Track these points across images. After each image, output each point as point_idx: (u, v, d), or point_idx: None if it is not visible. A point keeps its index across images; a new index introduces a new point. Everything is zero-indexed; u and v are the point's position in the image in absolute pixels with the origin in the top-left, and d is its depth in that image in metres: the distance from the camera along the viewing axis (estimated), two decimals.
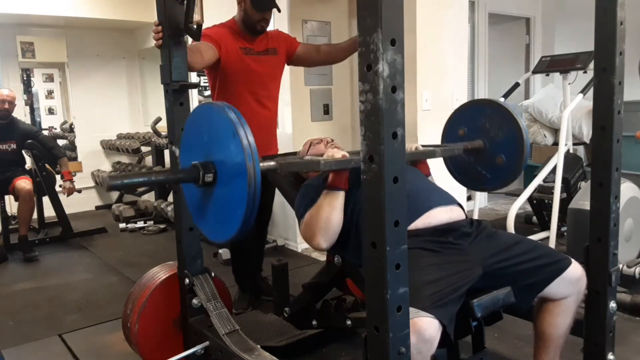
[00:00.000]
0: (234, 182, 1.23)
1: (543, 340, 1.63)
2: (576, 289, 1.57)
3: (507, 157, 1.90)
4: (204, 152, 1.32)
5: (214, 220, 1.36)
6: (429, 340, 1.23)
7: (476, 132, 1.97)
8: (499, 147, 1.92)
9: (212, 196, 1.33)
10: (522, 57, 5.48)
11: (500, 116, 1.91)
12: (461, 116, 2.05)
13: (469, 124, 2.01)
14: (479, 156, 1.96)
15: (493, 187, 2.05)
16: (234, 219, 1.24)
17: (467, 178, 2.08)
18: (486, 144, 1.94)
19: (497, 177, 1.96)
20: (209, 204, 1.35)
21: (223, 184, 1.28)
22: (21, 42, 5.86)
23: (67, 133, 6.34)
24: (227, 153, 1.24)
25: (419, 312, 1.25)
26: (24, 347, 2.45)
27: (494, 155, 1.93)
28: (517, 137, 1.86)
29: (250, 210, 1.20)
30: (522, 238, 1.68)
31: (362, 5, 0.95)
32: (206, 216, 1.39)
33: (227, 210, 1.28)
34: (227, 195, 1.28)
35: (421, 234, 1.56)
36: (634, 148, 4.06)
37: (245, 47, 2.43)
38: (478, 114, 1.98)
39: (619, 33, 1.46)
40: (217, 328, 1.79)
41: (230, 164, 1.24)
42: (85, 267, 3.72)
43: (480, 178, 2.01)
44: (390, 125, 0.95)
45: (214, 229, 1.38)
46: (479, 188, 2.20)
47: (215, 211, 1.34)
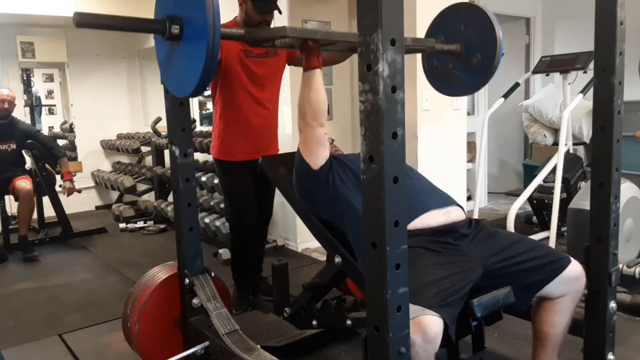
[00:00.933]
0: (197, 38, 1.32)
1: (541, 339, 1.63)
2: (575, 288, 1.57)
3: (482, 56, 1.94)
4: (174, 9, 1.39)
5: (178, 74, 1.45)
6: (434, 339, 1.24)
7: (453, 38, 2.01)
8: (475, 47, 1.96)
9: (177, 51, 1.41)
10: (522, 57, 5.48)
11: (475, 17, 1.95)
12: (439, 24, 2.09)
13: (446, 30, 2.04)
14: (456, 60, 2.02)
15: (470, 88, 2.11)
16: (194, 74, 1.33)
17: (445, 84, 2.14)
18: (462, 47, 1.98)
19: (474, 78, 2.01)
20: (175, 59, 1.44)
21: (187, 39, 1.36)
22: (21, 42, 5.86)
23: (67, 133, 6.34)
24: (193, 9, 1.32)
25: (424, 310, 1.25)
26: (24, 347, 2.45)
27: (470, 56, 1.98)
28: (490, 36, 1.91)
29: (209, 66, 1.29)
30: (521, 237, 1.68)
31: (362, 5, 0.95)
32: (172, 70, 1.48)
33: (189, 65, 1.36)
34: (190, 50, 1.36)
35: (420, 234, 1.56)
36: (634, 148, 4.05)
37: (246, 50, 2.43)
38: (454, 19, 2.02)
39: (619, 33, 1.46)
40: (217, 328, 1.79)
41: (195, 20, 1.32)
42: (85, 267, 3.72)
43: (459, 82, 2.06)
44: (390, 125, 0.95)
45: (177, 83, 1.48)
46: (457, 92, 2.25)
47: (179, 65, 1.43)
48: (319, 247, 3.61)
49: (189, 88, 1.38)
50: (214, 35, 1.27)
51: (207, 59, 1.29)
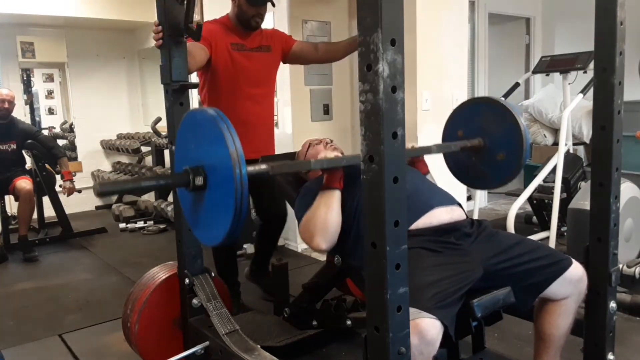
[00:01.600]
0: (223, 187, 1.24)
1: (544, 340, 1.63)
2: (577, 290, 1.57)
3: (507, 154, 1.89)
4: (195, 158, 1.33)
5: (206, 224, 1.38)
6: (431, 341, 1.23)
7: (475, 131, 1.96)
8: (499, 144, 1.91)
9: (203, 201, 1.35)
10: (522, 57, 5.48)
11: (498, 113, 1.91)
12: (460, 116, 2.05)
13: (468, 123, 2.00)
14: (479, 154, 1.95)
15: (495, 184, 2.05)
16: (223, 224, 1.26)
17: (468, 177, 2.08)
18: (485, 142, 1.94)
19: (498, 174, 1.94)
20: (201, 209, 1.37)
21: (213, 188, 1.30)
22: (21, 42, 5.86)
23: (67, 133, 6.34)
24: (216, 158, 1.26)
25: (421, 313, 1.25)
26: (24, 347, 2.45)
27: (494, 152, 1.92)
28: (516, 133, 1.85)
29: (238, 215, 1.21)
30: (523, 238, 1.68)
31: (362, 5, 0.95)
32: (199, 221, 1.40)
33: (216, 215, 1.29)
34: (216, 200, 1.29)
35: (422, 234, 1.56)
36: (634, 148, 4.06)
37: (236, 43, 2.39)
38: (476, 112, 1.98)
39: (619, 33, 1.46)
40: (217, 328, 1.79)
41: (219, 169, 1.25)
42: (85, 267, 3.72)
43: (482, 176, 2.01)
44: (390, 125, 0.95)
45: (205, 233, 1.39)
46: (481, 187, 2.19)
47: (206, 216, 1.36)
48: None
49: (220, 236, 1.29)
50: (241, 184, 1.19)
51: (236, 210, 1.21)
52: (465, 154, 1.95)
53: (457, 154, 1.96)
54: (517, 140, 1.85)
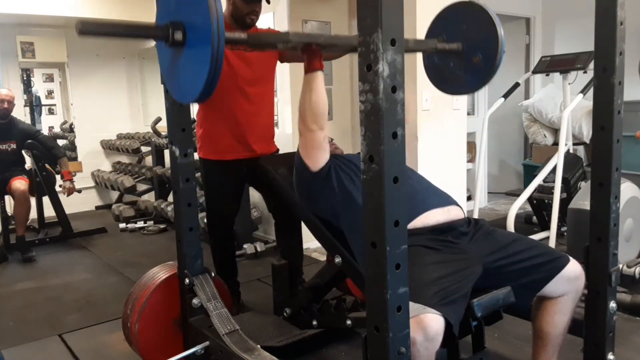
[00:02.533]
0: (201, 44, 1.29)
1: (541, 338, 1.63)
2: (574, 287, 1.57)
3: (484, 56, 1.93)
4: (176, 14, 1.36)
5: (182, 81, 1.43)
6: (434, 337, 1.24)
7: (454, 36, 1.99)
8: (476, 47, 1.95)
9: (181, 57, 1.39)
10: (522, 57, 5.48)
11: (476, 16, 1.94)
12: (440, 22, 2.08)
13: (447, 29, 2.03)
14: (457, 59, 2.00)
15: (470, 88, 2.10)
16: (198, 81, 1.31)
17: (445, 82, 2.12)
18: (464, 46, 1.96)
19: (475, 77, 2.00)
20: (178, 65, 1.41)
21: (191, 45, 1.34)
22: (21, 42, 5.86)
23: (67, 133, 6.34)
24: (196, 16, 1.30)
25: (425, 309, 1.25)
26: (24, 347, 2.45)
27: (471, 56, 1.96)
28: (493, 34, 1.89)
29: (214, 72, 1.27)
30: (520, 236, 1.69)
31: (362, 5, 0.95)
32: (175, 77, 1.46)
33: (192, 72, 1.34)
34: (194, 56, 1.34)
35: (420, 233, 1.57)
36: (634, 148, 4.06)
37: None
38: (455, 17, 2.01)
39: (619, 33, 1.46)
40: (217, 328, 1.79)
41: (198, 26, 1.30)
42: (85, 267, 3.72)
43: (459, 81, 2.05)
44: (390, 125, 0.95)
45: (181, 89, 1.45)
46: (459, 91, 2.24)
47: (183, 72, 1.40)
48: (319, 247, 3.61)
49: (194, 94, 1.36)
50: (218, 41, 1.24)
51: (212, 65, 1.26)
52: (443, 58, 2.00)
53: (435, 59, 2.00)
54: (493, 43, 1.90)
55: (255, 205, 4.02)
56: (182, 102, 1.60)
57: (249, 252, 3.63)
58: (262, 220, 4.11)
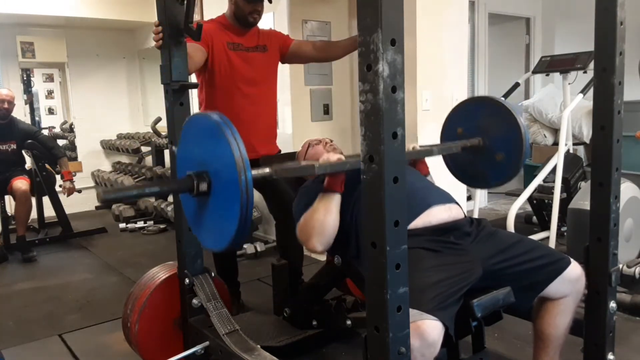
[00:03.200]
0: (227, 193, 1.23)
1: (542, 340, 1.63)
2: (575, 289, 1.57)
3: (507, 154, 1.89)
4: (198, 163, 1.32)
5: (210, 229, 1.36)
6: (433, 343, 1.23)
7: (474, 130, 1.96)
8: (498, 144, 1.91)
9: (207, 206, 1.33)
10: (522, 57, 5.48)
11: (498, 113, 1.91)
12: (459, 114, 2.05)
13: (466, 122, 2.00)
14: (478, 154, 1.96)
15: (494, 184, 2.06)
16: (229, 228, 1.24)
17: (468, 176, 2.09)
18: (485, 142, 1.93)
19: (498, 174, 1.96)
20: (205, 214, 1.36)
21: (217, 193, 1.28)
22: (21, 42, 5.85)
23: (67, 133, 6.33)
24: (220, 163, 1.25)
25: (422, 315, 1.24)
26: (24, 347, 2.45)
27: (493, 152, 1.92)
28: (516, 133, 1.85)
29: (244, 220, 1.20)
30: (522, 237, 1.68)
31: (362, 5, 0.95)
32: (202, 225, 1.39)
33: (221, 220, 1.28)
34: (221, 204, 1.28)
35: (422, 234, 1.56)
36: (634, 148, 4.06)
37: (233, 43, 2.38)
38: (476, 111, 1.98)
39: (619, 33, 1.46)
40: (217, 328, 1.79)
41: (223, 174, 1.24)
42: (85, 267, 3.72)
43: (481, 176, 2.02)
44: (390, 125, 0.95)
45: (209, 238, 1.38)
46: (480, 186, 2.20)
47: (210, 220, 1.34)
48: None
49: (225, 241, 1.28)
50: (246, 190, 1.18)
51: (242, 214, 1.19)
52: (464, 152, 1.95)
53: (456, 152, 1.95)
54: (517, 142, 1.85)
55: (255, 205, 4.01)
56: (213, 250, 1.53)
57: (249, 252, 3.63)
58: (262, 220, 4.11)
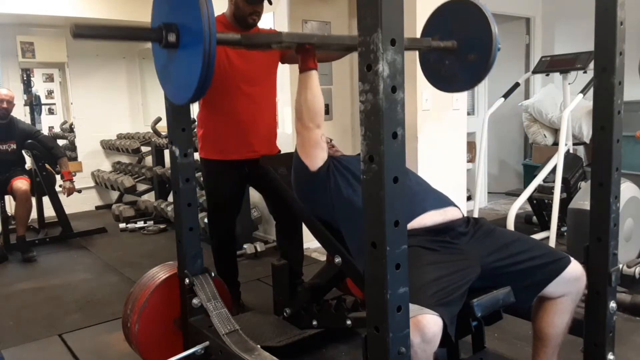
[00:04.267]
0: (193, 45, 1.33)
1: (541, 339, 1.63)
2: (575, 288, 1.57)
3: (478, 55, 1.94)
4: (170, 17, 1.40)
5: (176, 82, 1.46)
6: (432, 338, 1.23)
7: (449, 35, 2.01)
8: (471, 45, 1.96)
9: (175, 58, 1.43)
10: (522, 57, 5.48)
11: (470, 14, 1.95)
12: (435, 21, 2.09)
13: (442, 27, 2.04)
14: (452, 57, 2.01)
15: (466, 86, 2.13)
16: (192, 81, 1.34)
17: (441, 80, 2.14)
18: (459, 44, 1.98)
19: (469, 75, 2.02)
20: (173, 66, 1.45)
21: (184, 46, 1.37)
22: (21, 42, 5.85)
23: (67, 133, 6.33)
24: (188, 17, 1.34)
25: (422, 309, 1.25)
26: (24, 347, 2.45)
27: (466, 54, 1.97)
28: (486, 34, 1.91)
29: (206, 73, 1.31)
30: (521, 236, 1.68)
31: (362, 5, 0.95)
32: (170, 78, 1.49)
33: (186, 73, 1.38)
34: (187, 57, 1.37)
35: (417, 234, 1.56)
36: (634, 148, 4.06)
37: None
38: (450, 15, 2.02)
39: (619, 33, 1.46)
40: (217, 328, 1.79)
41: (191, 28, 1.33)
42: (85, 267, 3.72)
43: (456, 79, 2.07)
44: (390, 125, 0.95)
45: (175, 90, 1.49)
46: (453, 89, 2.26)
47: (177, 73, 1.44)
48: (319, 247, 3.61)
49: (187, 95, 1.40)
50: (210, 41, 1.28)
51: (203, 66, 1.30)
52: (439, 56, 2.01)
53: (431, 57, 2.02)
54: (487, 40, 1.91)
55: (255, 205, 4.02)
56: (177, 103, 1.63)
57: (249, 252, 3.63)
58: (262, 220, 4.11)
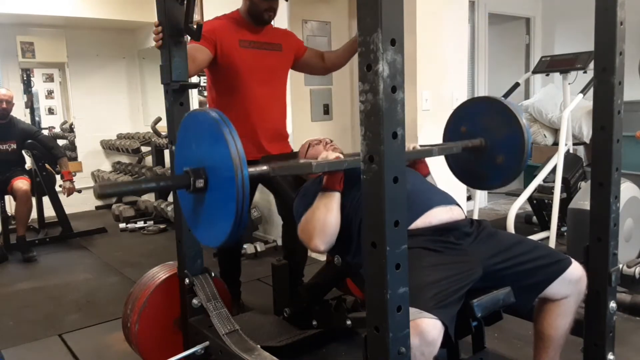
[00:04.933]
0: (224, 189, 1.24)
1: (543, 340, 1.63)
2: (576, 290, 1.57)
3: (507, 156, 1.88)
4: (196, 159, 1.32)
5: (206, 226, 1.37)
6: (432, 342, 1.23)
7: (477, 130, 1.95)
8: (500, 145, 1.90)
9: (204, 202, 1.33)
10: (522, 57, 5.48)
11: (502, 114, 1.90)
12: (462, 114, 2.04)
13: (469, 122, 1.99)
14: (480, 155, 1.94)
15: (494, 185, 2.05)
16: (224, 225, 1.25)
17: (468, 177, 2.08)
18: (486, 143, 1.92)
19: (498, 175, 1.94)
20: (202, 210, 1.36)
21: (214, 189, 1.29)
22: (21, 42, 5.86)
23: (67, 133, 6.34)
24: (217, 159, 1.25)
25: (422, 313, 1.24)
26: (24, 347, 2.45)
27: (494, 154, 1.91)
28: (518, 136, 1.84)
29: (239, 216, 1.21)
30: (523, 238, 1.68)
31: (362, 5, 0.95)
32: (199, 222, 1.39)
33: (218, 216, 1.29)
34: (218, 201, 1.28)
35: (422, 234, 1.56)
36: (634, 148, 4.06)
37: (245, 40, 2.32)
38: (479, 111, 1.96)
39: (619, 33, 1.46)
40: (217, 328, 1.79)
41: (220, 170, 1.25)
42: (85, 267, 3.72)
43: (481, 177, 2.01)
44: (390, 125, 0.95)
45: (206, 234, 1.38)
46: (480, 187, 2.19)
47: (207, 217, 1.35)
48: None
49: (220, 239, 1.29)
50: (243, 186, 1.19)
51: (237, 211, 1.20)
52: (466, 152, 1.94)
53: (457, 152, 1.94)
54: (519, 144, 1.84)
55: (255, 205, 4.02)
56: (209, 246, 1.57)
57: (249, 252, 3.63)
58: (262, 220, 4.11)
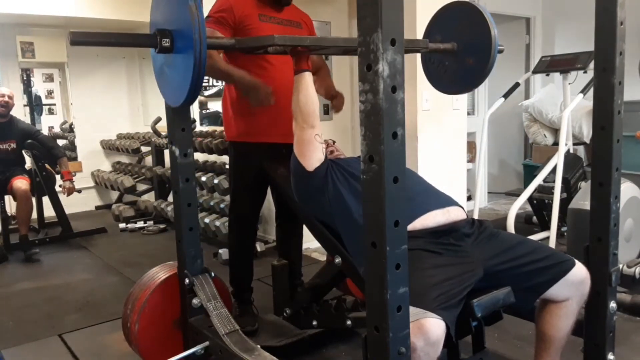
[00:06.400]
0: (186, 50, 1.43)
1: (544, 341, 1.63)
2: (579, 291, 1.56)
3: (476, 60, 1.98)
4: (165, 24, 1.50)
5: (171, 84, 1.56)
6: (436, 342, 1.23)
7: (450, 37, 2.04)
8: (470, 49, 1.99)
9: (170, 62, 1.54)
10: (522, 57, 5.48)
11: (470, 16, 1.98)
12: (436, 23, 2.12)
13: (443, 29, 2.07)
14: (453, 59, 2.04)
15: (466, 87, 2.17)
16: (185, 84, 1.45)
17: (442, 82, 2.17)
18: (458, 47, 2.00)
19: (470, 76, 2.05)
20: (168, 70, 1.56)
21: (178, 51, 1.47)
22: (21, 42, 5.86)
23: (67, 133, 6.34)
24: (181, 23, 1.43)
25: (425, 313, 1.24)
26: (24, 347, 2.45)
27: (465, 57, 2.00)
28: (486, 35, 1.93)
29: (197, 77, 1.41)
30: (524, 239, 1.67)
31: (362, 5, 0.95)
32: (166, 81, 1.60)
33: (181, 76, 1.47)
34: (181, 61, 1.47)
35: (420, 236, 1.56)
36: (634, 148, 4.06)
37: (265, 15, 2.25)
38: (450, 18, 2.05)
39: (619, 33, 1.46)
40: (217, 328, 1.79)
41: (184, 33, 1.43)
42: (85, 267, 3.72)
43: (455, 80, 2.10)
44: (390, 125, 0.95)
45: (171, 93, 1.59)
46: (454, 90, 2.29)
47: (172, 76, 1.55)
48: (319, 247, 3.61)
49: (181, 98, 1.50)
50: (200, 48, 1.38)
51: (195, 71, 1.40)
52: (440, 58, 2.05)
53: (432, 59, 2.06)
54: (487, 45, 1.94)
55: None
56: (172, 105, 1.70)
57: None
58: (262, 220, 4.11)
